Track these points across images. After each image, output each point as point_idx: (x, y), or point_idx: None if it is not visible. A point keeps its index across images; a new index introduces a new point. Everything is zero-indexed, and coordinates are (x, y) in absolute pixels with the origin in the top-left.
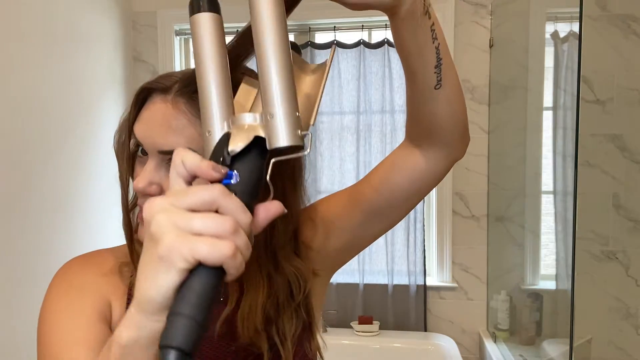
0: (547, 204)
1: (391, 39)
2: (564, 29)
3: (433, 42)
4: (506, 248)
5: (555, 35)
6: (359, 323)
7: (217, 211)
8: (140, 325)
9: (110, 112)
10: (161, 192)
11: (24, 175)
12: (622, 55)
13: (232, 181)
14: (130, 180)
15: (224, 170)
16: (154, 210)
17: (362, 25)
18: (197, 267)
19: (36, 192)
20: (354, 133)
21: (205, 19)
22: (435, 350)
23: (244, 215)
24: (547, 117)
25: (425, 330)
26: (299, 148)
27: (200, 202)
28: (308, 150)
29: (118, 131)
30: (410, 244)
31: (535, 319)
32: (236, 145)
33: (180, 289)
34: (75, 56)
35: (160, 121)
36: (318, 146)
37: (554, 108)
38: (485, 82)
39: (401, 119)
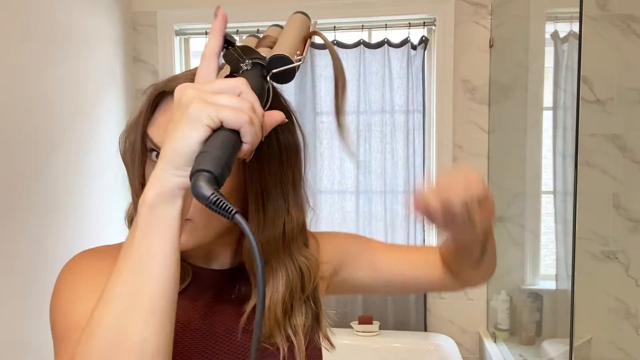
0: (547, 204)
1: (391, 39)
2: (564, 29)
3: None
4: (506, 248)
5: (555, 35)
6: (359, 323)
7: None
8: (164, 180)
9: (110, 113)
10: None
11: (23, 175)
12: (622, 55)
13: None
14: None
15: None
16: (185, 88)
17: (362, 25)
18: (219, 129)
19: (36, 192)
20: (354, 133)
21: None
22: (435, 350)
23: (259, 106)
24: (547, 117)
25: (425, 330)
26: (293, 69)
27: (226, 87)
28: (301, 60)
29: (126, 135)
30: (410, 244)
31: (535, 319)
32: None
33: (205, 142)
34: (76, 56)
35: None
36: (318, 146)
37: (554, 108)
38: (485, 82)
39: (401, 119)
